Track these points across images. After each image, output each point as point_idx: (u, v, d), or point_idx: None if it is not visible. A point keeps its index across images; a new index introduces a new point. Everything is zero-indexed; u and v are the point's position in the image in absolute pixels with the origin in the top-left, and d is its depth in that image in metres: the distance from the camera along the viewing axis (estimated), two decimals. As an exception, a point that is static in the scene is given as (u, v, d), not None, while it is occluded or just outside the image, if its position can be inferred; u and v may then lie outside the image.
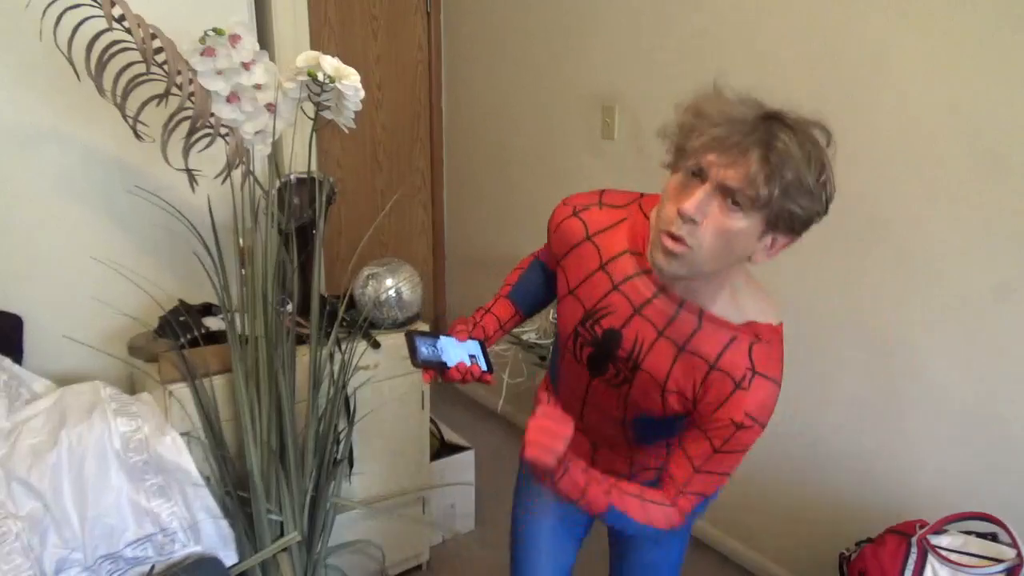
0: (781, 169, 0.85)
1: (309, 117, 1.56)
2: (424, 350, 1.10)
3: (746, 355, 1.01)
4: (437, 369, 1.10)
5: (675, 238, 0.92)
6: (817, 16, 1.84)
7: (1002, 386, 1.63)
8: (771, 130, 0.87)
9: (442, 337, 1.15)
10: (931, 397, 1.75)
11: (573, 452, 1.28)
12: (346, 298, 1.91)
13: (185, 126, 1.47)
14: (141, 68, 1.43)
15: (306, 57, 1.42)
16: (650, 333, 1.06)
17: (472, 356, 1.15)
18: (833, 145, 0.92)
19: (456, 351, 1.14)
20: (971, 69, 1.58)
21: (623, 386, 1.12)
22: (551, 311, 2.53)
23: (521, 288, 1.33)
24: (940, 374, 1.73)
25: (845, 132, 1.82)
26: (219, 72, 1.44)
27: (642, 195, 1.14)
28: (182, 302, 1.86)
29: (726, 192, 0.89)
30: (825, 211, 0.93)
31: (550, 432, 0.95)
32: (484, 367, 1.15)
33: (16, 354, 1.71)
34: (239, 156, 1.51)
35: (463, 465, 2.37)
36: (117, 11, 1.34)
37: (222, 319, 1.73)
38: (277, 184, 1.74)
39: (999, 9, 1.52)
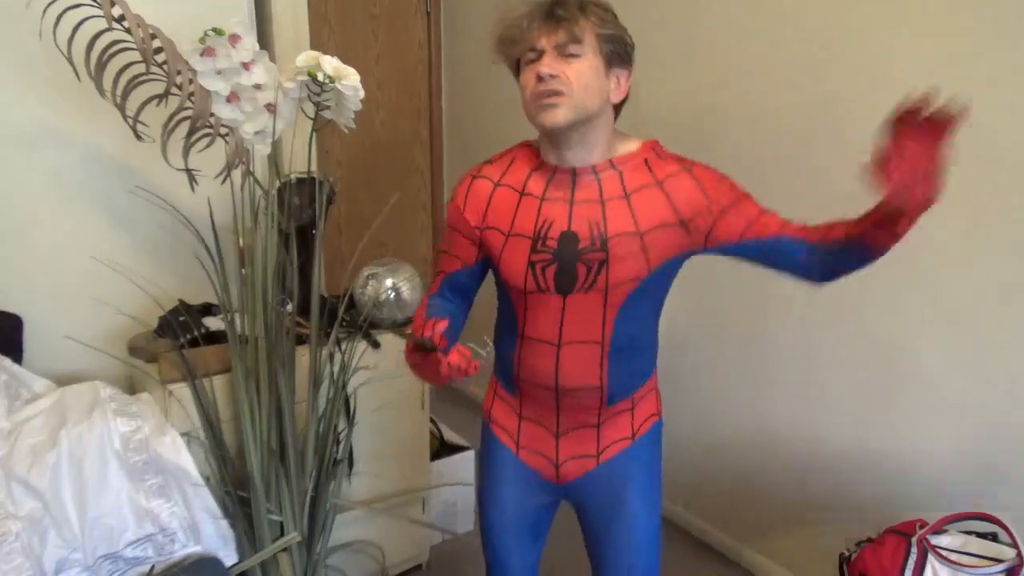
0: (584, 9, 1.13)
1: (309, 117, 1.56)
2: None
3: (667, 160, 1.22)
4: (438, 349, 1.13)
5: (549, 93, 1.12)
6: (818, 19, 1.84)
7: (1002, 386, 1.63)
8: None
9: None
10: (931, 397, 1.75)
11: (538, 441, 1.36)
12: (346, 298, 1.91)
13: (185, 126, 1.47)
14: (141, 68, 1.43)
15: (306, 57, 1.42)
16: (594, 209, 1.19)
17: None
18: None
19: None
20: (971, 70, 1.58)
21: (600, 275, 1.19)
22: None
23: (439, 311, 1.35)
24: (940, 374, 1.73)
25: (846, 133, 1.82)
26: (219, 72, 1.44)
27: (492, 160, 1.31)
28: (182, 302, 1.86)
29: (562, 50, 1.12)
30: (631, 38, 1.19)
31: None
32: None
33: (16, 354, 1.71)
34: (239, 156, 1.51)
35: (463, 465, 2.37)
36: (117, 11, 1.34)
37: (222, 319, 1.73)
38: (277, 184, 1.74)
39: (1000, 10, 1.52)
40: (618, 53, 1.16)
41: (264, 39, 2.14)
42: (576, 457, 1.33)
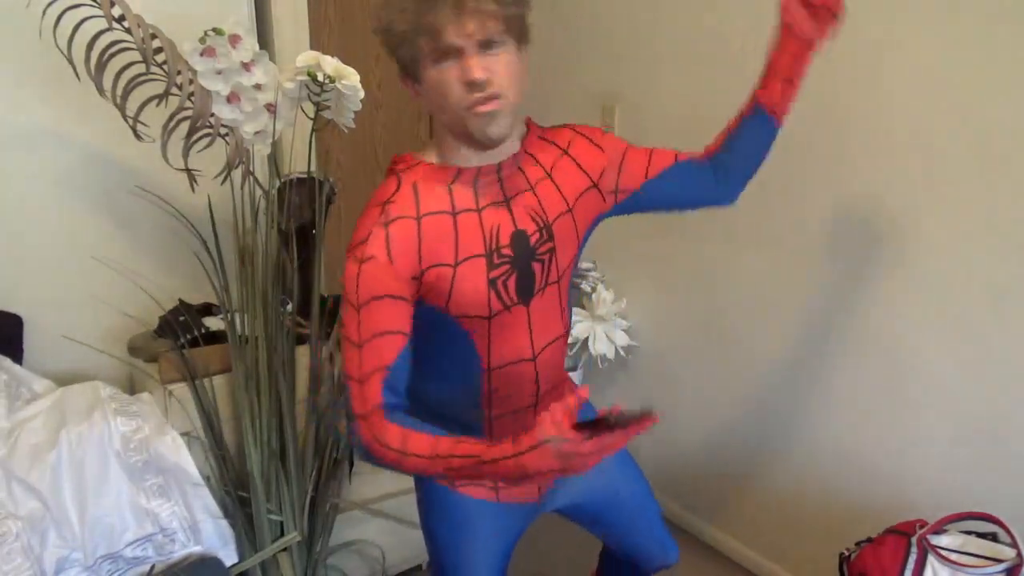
0: None
1: (309, 117, 1.56)
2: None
3: (554, 130, 1.19)
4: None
5: (488, 99, 0.98)
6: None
7: (1002, 386, 1.63)
8: None
9: None
10: (931, 397, 1.75)
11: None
12: (346, 298, 1.90)
13: (185, 126, 1.47)
14: (141, 68, 1.43)
15: (306, 57, 1.42)
16: (530, 198, 1.12)
17: None
18: None
19: None
20: (972, 69, 1.58)
21: (552, 266, 1.14)
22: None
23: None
24: (940, 374, 1.73)
25: (846, 132, 1.82)
26: (219, 72, 1.44)
27: (387, 199, 1.11)
28: (182, 302, 1.86)
29: (484, 43, 0.96)
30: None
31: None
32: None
33: (16, 354, 1.71)
34: (239, 156, 1.51)
35: (463, 465, 2.36)
36: (117, 11, 1.34)
37: (222, 319, 1.73)
38: (277, 184, 1.74)
39: (1000, 8, 1.52)
40: (524, 30, 1.04)
41: (264, 39, 2.14)
42: None
